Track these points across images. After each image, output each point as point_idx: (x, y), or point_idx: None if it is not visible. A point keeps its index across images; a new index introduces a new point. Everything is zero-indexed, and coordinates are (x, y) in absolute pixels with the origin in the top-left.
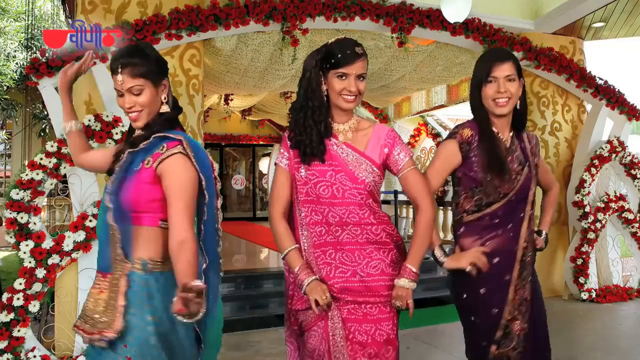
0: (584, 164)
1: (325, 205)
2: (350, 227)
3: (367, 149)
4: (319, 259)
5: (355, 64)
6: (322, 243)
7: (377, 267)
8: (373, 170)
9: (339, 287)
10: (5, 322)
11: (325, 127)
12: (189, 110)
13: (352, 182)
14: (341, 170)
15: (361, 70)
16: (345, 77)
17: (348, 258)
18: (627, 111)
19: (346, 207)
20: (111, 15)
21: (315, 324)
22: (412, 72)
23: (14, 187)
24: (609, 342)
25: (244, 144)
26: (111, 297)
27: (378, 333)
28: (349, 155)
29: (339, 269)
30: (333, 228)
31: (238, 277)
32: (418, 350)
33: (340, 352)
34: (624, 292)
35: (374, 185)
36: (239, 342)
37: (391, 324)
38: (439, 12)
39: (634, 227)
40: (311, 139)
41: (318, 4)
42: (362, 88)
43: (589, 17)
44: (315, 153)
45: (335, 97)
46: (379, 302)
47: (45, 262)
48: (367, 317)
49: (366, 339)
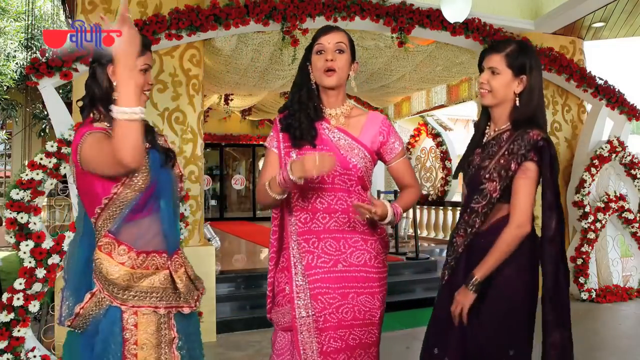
0: (584, 163)
1: (314, 190)
2: (338, 215)
3: (361, 135)
4: (301, 246)
5: (330, 33)
6: (306, 231)
7: (360, 258)
8: (365, 155)
9: (318, 279)
10: (5, 322)
11: (315, 110)
12: (189, 110)
13: (343, 167)
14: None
15: (337, 40)
16: (323, 51)
17: (332, 247)
18: (627, 111)
19: (334, 194)
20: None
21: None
22: (412, 72)
23: (14, 187)
24: (609, 341)
25: (243, 144)
26: (188, 268)
27: (351, 337)
28: (341, 139)
29: (321, 259)
30: (320, 215)
31: (238, 277)
32: (418, 350)
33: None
34: (624, 292)
35: (365, 171)
36: (239, 341)
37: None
38: (439, 12)
39: (634, 227)
40: (300, 121)
41: (318, 4)
42: (341, 64)
43: (589, 17)
44: (305, 136)
45: (318, 77)
46: (356, 303)
47: (45, 262)
48: (342, 322)
49: (340, 344)
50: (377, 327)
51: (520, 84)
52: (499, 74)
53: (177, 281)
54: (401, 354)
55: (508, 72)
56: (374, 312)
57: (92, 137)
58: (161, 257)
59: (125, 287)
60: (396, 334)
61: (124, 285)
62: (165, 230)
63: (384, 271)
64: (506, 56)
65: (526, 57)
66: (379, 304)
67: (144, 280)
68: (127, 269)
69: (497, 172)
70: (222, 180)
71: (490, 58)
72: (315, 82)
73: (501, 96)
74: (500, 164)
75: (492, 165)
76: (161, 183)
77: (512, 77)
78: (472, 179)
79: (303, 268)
